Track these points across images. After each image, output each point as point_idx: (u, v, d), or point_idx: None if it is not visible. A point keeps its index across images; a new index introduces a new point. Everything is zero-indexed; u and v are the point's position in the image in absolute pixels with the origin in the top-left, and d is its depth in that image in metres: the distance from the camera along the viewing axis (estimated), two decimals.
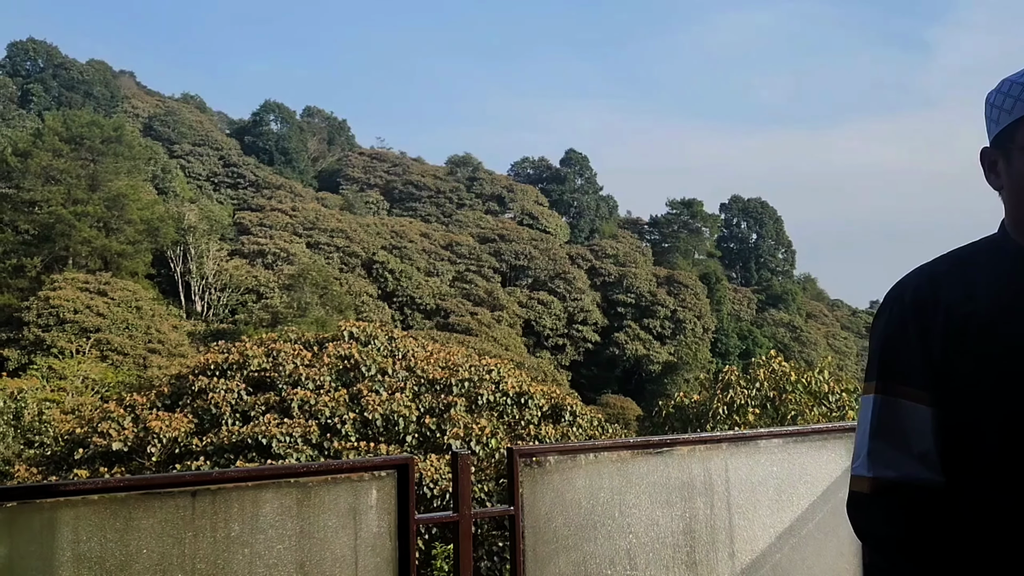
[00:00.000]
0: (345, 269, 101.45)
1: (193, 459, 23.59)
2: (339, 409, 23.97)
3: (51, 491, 4.15)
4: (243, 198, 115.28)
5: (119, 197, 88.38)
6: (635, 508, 5.70)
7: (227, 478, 4.66)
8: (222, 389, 25.32)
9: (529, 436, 24.07)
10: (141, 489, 4.46)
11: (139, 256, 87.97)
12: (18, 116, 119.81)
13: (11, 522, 4.19)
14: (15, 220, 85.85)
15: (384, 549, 4.88)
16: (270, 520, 4.62)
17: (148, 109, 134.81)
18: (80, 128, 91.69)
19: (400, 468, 4.98)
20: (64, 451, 28.15)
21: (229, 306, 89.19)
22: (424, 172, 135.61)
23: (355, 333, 27.57)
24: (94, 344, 69.44)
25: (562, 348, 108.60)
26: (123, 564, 4.22)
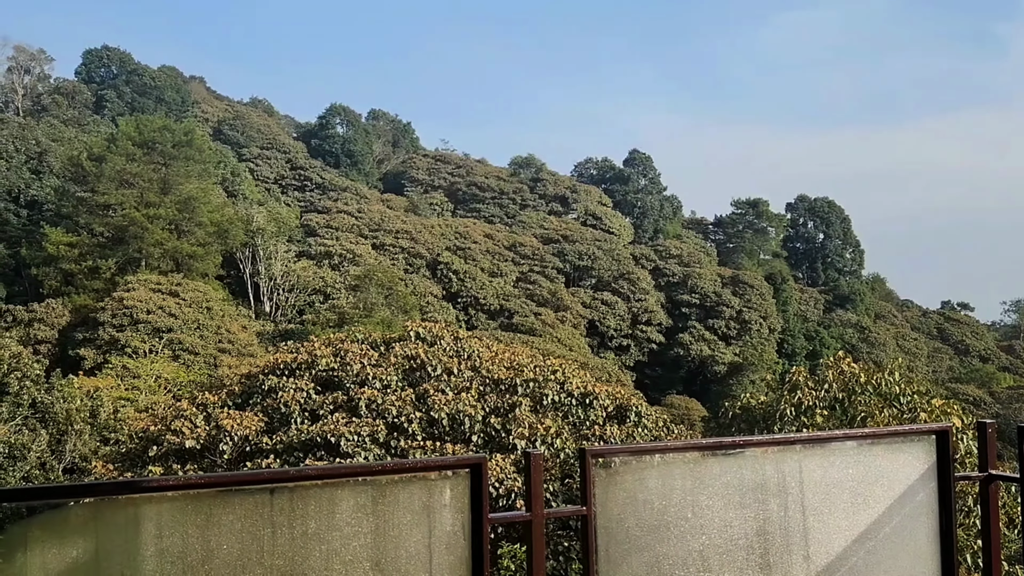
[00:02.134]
0: (410, 270, 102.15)
1: (263, 457, 23.92)
2: (406, 408, 24.12)
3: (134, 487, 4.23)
4: (310, 200, 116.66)
5: (190, 200, 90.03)
6: (708, 509, 5.64)
7: (304, 476, 4.72)
8: (291, 388, 25.63)
9: (594, 436, 23.99)
10: (221, 486, 4.54)
11: (209, 258, 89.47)
12: (93, 122, 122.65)
13: (96, 517, 4.29)
14: (90, 223, 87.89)
15: (458, 547, 4.89)
16: (346, 517, 4.65)
17: (217, 113, 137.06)
18: (152, 133, 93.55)
19: (473, 467, 4.98)
20: (138, 448, 28.69)
21: (296, 306, 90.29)
22: (487, 173, 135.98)
23: (421, 333, 27.71)
24: (166, 344, 70.75)
25: (626, 349, 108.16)
26: (204, 559, 4.28)
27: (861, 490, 6.12)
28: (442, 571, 4.81)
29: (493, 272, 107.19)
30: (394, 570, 4.71)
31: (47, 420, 42.79)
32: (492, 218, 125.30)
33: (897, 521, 6.19)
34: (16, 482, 37.83)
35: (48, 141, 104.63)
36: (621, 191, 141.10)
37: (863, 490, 6.13)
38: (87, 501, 4.25)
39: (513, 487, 21.03)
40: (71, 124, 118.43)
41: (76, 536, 4.19)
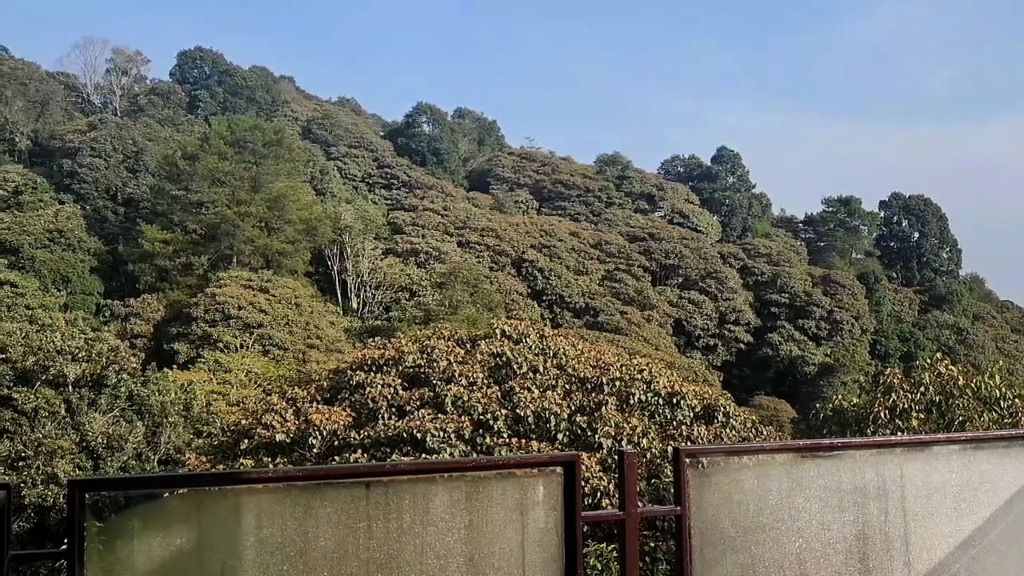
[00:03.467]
0: (495, 267, 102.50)
1: (351, 452, 24.17)
2: (491, 406, 24.17)
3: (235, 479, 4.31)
4: (396, 198, 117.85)
5: (280, 198, 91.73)
6: (804, 512, 5.54)
7: (399, 471, 4.77)
8: (379, 384, 25.88)
9: (681, 436, 23.75)
10: (318, 479, 4.60)
11: (298, 255, 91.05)
12: (187, 121, 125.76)
13: (199, 507, 4.38)
14: (184, 220, 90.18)
15: (550, 545, 4.87)
16: (440, 513, 4.67)
17: (307, 113, 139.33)
18: (243, 132, 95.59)
19: (567, 465, 4.97)
20: (230, 441, 29.27)
21: (383, 303, 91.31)
22: (573, 171, 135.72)
23: (507, 331, 27.73)
24: (256, 339, 72.17)
25: (713, 348, 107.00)
26: (302, 551, 4.34)
27: (965, 495, 5.97)
28: (535, 568, 4.80)
29: (579, 270, 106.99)
30: (487, 566, 4.71)
31: (143, 412, 44.00)
32: (578, 216, 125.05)
33: (1002, 528, 6.02)
34: (114, 472, 39.00)
35: (144, 140, 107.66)
36: (709, 188, 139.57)
37: (967, 496, 5.97)
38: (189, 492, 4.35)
39: (599, 486, 20.94)
40: (166, 124, 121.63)
41: (179, 526, 4.28)
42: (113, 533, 4.18)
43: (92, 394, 43.68)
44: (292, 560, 4.32)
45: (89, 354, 44.22)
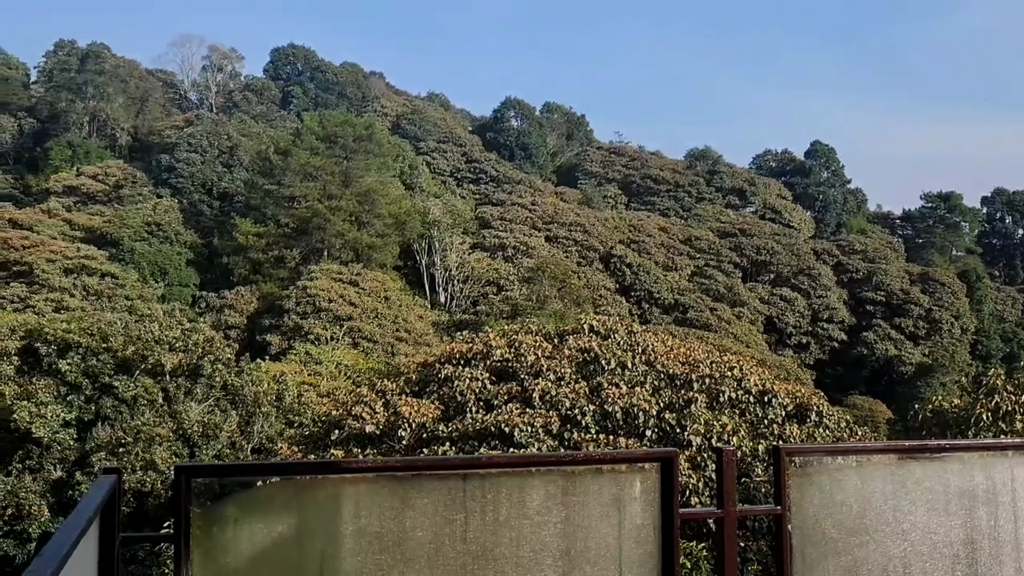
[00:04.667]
0: (583, 263, 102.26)
1: (439, 444, 24.34)
2: (579, 401, 24.09)
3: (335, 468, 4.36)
4: (484, 193, 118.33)
5: (369, 192, 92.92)
6: (910, 515, 5.40)
7: (495, 463, 4.76)
8: (467, 378, 26.00)
9: (772, 436, 23.36)
10: (416, 470, 4.62)
11: (387, 248, 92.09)
12: (280, 117, 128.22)
13: (299, 495, 4.44)
14: (277, 214, 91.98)
15: (647, 541, 4.82)
16: (536, 506, 4.65)
17: (396, 108, 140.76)
18: (335, 127, 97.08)
19: (664, 462, 4.91)
20: (321, 432, 29.75)
21: (471, 297, 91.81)
22: (663, 166, 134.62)
23: (595, 326, 27.61)
24: (346, 331, 73.21)
25: (806, 346, 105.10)
26: (399, 540, 4.36)
27: None
28: (631, 564, 4.76)
29: (668, 266, 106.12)
30: (583, 561, 4.68)
31: (237, 402, 45.00)
32: (667, 211, 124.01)
33: None
34: (209, 459, 39.95)
35: (238, 136, 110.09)
36: (802, 184, 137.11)
37: None
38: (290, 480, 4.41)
39: (688, 484, 20.72)
40: (260, 120, 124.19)
41: (280, 513, 4.34)
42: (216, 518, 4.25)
43: (188, 383, 44.81)
44: (390, 550, 4.35)
45: (186, 344, 45.34)
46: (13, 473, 40.31)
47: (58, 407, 41.82)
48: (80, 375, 42.95)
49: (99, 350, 43.63)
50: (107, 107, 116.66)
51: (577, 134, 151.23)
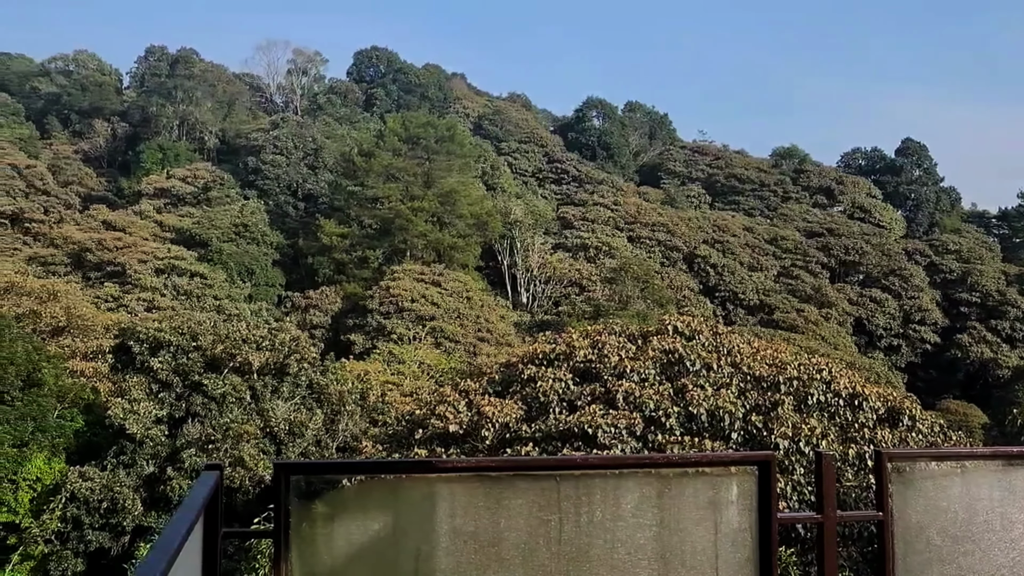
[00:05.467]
0: (666, 263, 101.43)
1: (522, 444, 24.32)
2: (663, 402, 23.85)
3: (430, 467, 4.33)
4: (566, 193, 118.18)
5: (451, 193, 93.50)
6: (1019, 523, 5.21)
7: (590, 464, 4.69)
8: (550, 378, 25.94)
9: (863, 440, 22.84)
10: (511, 470, 4.58)
11: (469, 249, 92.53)
12: (363, 119, 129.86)
13: (395, 493, 4.44)
14: (360, 215, 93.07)
15: (744, 546, 4.72)
16: (631, 508, 4.58)
17: (477, 109, 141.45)
18: (417, 129, 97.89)
19: (762, 465, 4.81)
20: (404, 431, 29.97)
21: (552, 298, 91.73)
22: (747, 165, 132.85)
23: (679, 327, 27.31)
24: (429, 331, 73.70)
25: (896, 349, 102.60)
26: (494, 540, 4.33)
27: None
28: (728, 568, 4.67)
29: (753, 266, 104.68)
30: (679, 564, 4.60)
31: (322, 400, 45.65)
32: (752, 211, 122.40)
33: None
34: (295, 457, 40.57)
35: (323, 138, 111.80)
36: (892, 182, 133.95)
37: None
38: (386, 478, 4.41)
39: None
40: (343, 122, 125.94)
41: (377, 510, 4.35)
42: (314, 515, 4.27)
43: (275, 382, 45.59)
44: (485, 549, 4.32)
45: (272, 343, 46.11)
46: (108, 468, 41.46)
47: (150, 404, 42.87)
48: (171, 373, 43.97)
49: (189, 348, 44.62)
50: (196, 111, 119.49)
51: (660, 133, 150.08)
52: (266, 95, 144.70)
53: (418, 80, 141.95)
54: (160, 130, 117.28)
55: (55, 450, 43.16)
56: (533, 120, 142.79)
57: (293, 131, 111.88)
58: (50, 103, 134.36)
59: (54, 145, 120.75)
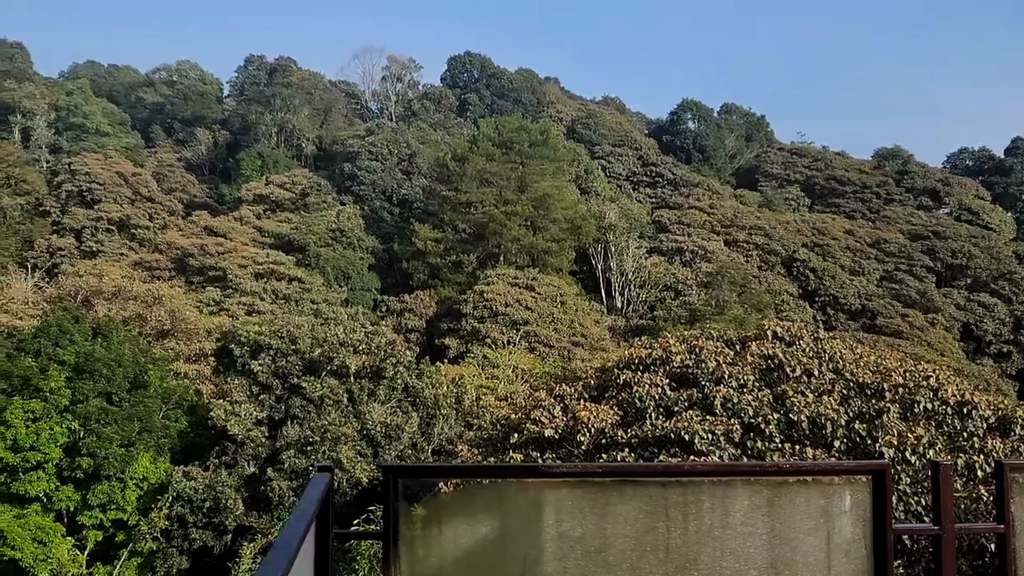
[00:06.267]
0: (764, 267, 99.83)
1: (618, 450, 24.16)
2: (763, 409, 23.45)
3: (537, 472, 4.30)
4: (661, 196, 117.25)
5: (545, 197, 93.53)
6: None
7: (698, 471, 4.62)
8: (646, 383, 25.71)
9: (973, 449, 22.11)
10: (618, 476, 4.52)
11: (563, 253, 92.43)
12: (456, 124, 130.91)
13: (501, 498, 4.41)
14: (454, 220, 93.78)
15: (858, 557, 4.58)
16: (740, 516, 4.48)
17: (571, 113, 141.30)
18: (510, 133, 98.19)
19: (876, 474, 4.66)
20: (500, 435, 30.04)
21: (647, 302, 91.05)
22: (848, 166, 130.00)
23: (779, 332, 26.81)
24: (523, 336, 73.81)
25: (1007, 355, 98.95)
26: (601, 546, 4.27)
27: None
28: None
29: (854, 270, 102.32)
30: (791, 575, 4.47)
31: (417, 404, 46.03)
32: (853, 213, 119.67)
33: None
34: (391, 459, 41.00)
35: (417, 144, 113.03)
36: (1002, 183, 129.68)
37: None
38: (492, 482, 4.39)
39: None
40: (437, 127, 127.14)
41: (484, 514, 4.33)
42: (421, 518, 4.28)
43: (371, 385, 46.17)
44: (591, 555, 4.27)
45: (369, 347, 46.71)
46: (211, 468, 42.51)
47: (251, 406, 43.84)
48: (271, 376, 44.89)
49: (288, 352, 45.48)
50: (293, 118, 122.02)
51: (757, 135, 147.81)
52: (361, 102, 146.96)
53: (511, 85, 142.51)
54: (259, 137, 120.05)
55: (160, 450, 44.46)
56: (627, 123, 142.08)
57: (388, 137, 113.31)
58: (154, 112, 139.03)
59: (158, 153, 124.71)
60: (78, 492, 42.24)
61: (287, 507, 40.35)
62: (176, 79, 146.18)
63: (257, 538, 39.35)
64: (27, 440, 40.71)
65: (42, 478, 41.26)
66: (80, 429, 42.00)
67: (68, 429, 41.87)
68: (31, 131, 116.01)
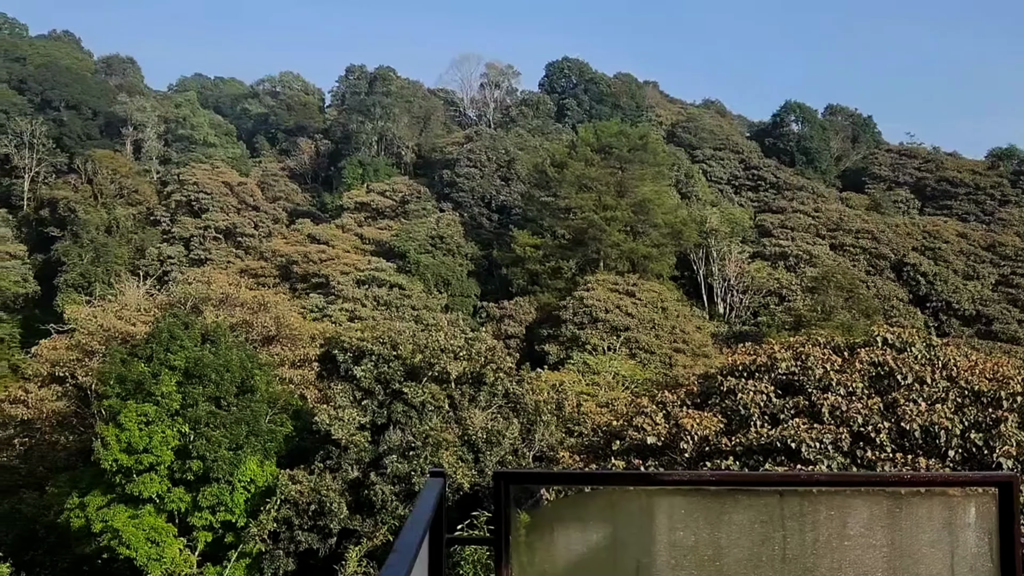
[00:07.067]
0: (872, 272, 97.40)
1: (722, 458, 23.80)
2: (873, 417, 22.83)
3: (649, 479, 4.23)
4: (764, 200, 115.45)
5: (644, 202, 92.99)
6: None
7: (815, 481, 4.48)
8: (750, 390, 25.28)
9: None
10: (732, 484, 4.42)
11: (663, 259, 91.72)
12: (555, 130, 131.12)
13: (613, 505, 4.35)
14: (553, 226, 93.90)
15: (984, 572, 4.37)
16: (859, 528, 4.32)
17: (671, 116, 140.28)
18: (609, 138, 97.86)
19: (1003, 486, 4.43)
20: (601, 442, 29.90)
21: (751, 308, 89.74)
22: (960, 167, 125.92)
23: (889, 339, 26.07)
24: (623, 342, 73.44)
25: None
26: (715, 556, 4.18)
27: None
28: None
29: (968, 274, 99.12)
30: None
31: (518, 410, 46.08)
32: (966, 216, 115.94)
33: None
34: (492, 466, 41.13)
35: (515, 150, 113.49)
36: None
37: None
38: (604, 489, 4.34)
39: None
40: (535, 133, 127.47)
41: (595, 521, 4.28)
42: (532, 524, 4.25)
43: (472, 391, 46.39)
44: (704, 565, 4.18)
45: (469, 353, 46.91)
46: (315, 472, 43.24)
47: (354, 411, 44.44)
48: (373, 381, 45.46)
49: (390, 357, 45.99)
50: (393, 126, 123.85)
51: (863, 136, 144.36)
52: (460, 109, 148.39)
53: (610, 89, 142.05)
54: (360, 146, 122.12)
55: (267, 453, 45.41)
56: (728, 126, 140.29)
57: (486, 144, 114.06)
58: (259, 123, 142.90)
59: (263, 163, 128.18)
60: (189, 494, 43.39)
61: (390, 511, 40.81)
62: (279, 90, 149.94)
63: (362, 542, 39.87)
64: (140, 443, 41.97)
65: (155, 480, 42.48)
66: (190, 432, 43.12)
67: (179, 432, 43.03)
68: (142, 143, 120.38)
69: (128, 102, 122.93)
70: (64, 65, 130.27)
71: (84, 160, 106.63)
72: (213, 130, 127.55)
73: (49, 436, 57.34)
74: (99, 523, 41.86)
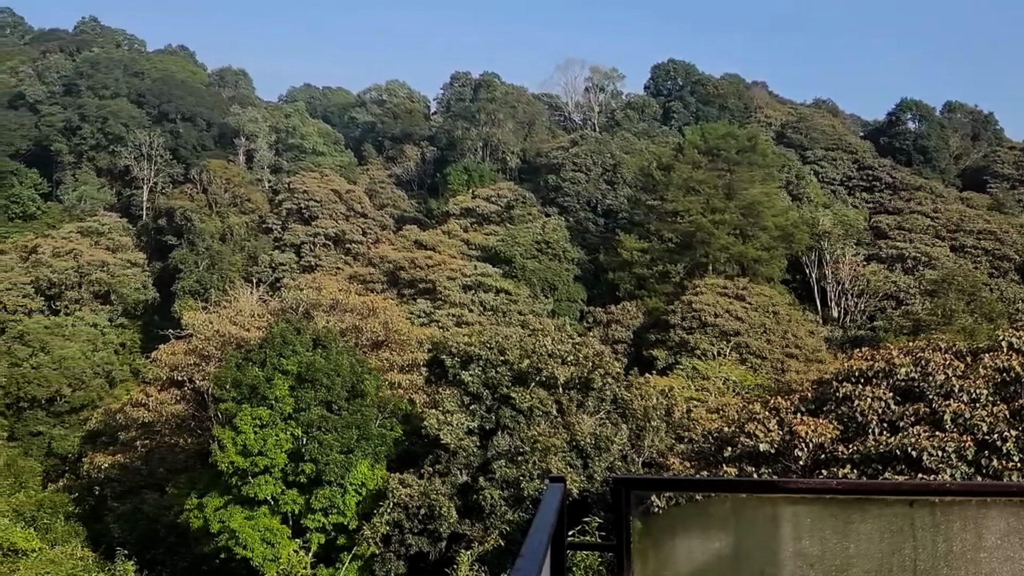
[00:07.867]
0: (996, 274, 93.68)
1: (839, 466, 23.22)
2: (999, 425, 21.98)
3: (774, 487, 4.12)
4: (879, 201, 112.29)
5: (754, 204, 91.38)
6: None
7: (947, 490, 4.29)
8: (868, 397, 24.63)
9: None
10: (859, 493, 4.28)
11: (774, 262, 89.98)
12: (661, 133, 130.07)
13: (738, 513, 4.26)
14: (660, 229, 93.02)
15: None
16: (995, 540, 4.13)
17: (780, 117, 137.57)
18: (716, 140, 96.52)
19: None
20: (712, 448, 29.47)
21: (866, 312, 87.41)
22: None
23: (1015, 344, 25.06)
24: (733, 347, 72.32)
25: None
26: (842, 566, 4.05)
27: None
28: None
29: None
30: None
31: (627, 415, 45.72)
32: None
33: None
34: (601, 471, 40.95)
35: (621, 154, 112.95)
36: None
37: None
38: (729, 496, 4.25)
39: None
40: (641, 136, 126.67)
41: (717, 529, 4.21)
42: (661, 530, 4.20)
43: (580, 396, 46.24)
44: (832, 574, 4.03)
45: (576, 358, 46.77)
46: (425, 476, 43.68)
47: (462, 416, 44.75)
48: (481, 386, 45.68)
49: (497, 362, 46.15)
50: (498, 132, 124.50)
51: (984, 134, 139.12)
52: (564, 113, 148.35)
53: (716, 91, 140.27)
54: (465, 152, 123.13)
55: (377, 457, 46.06)
56: (840, 126, 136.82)
57: (592, 148, 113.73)
58: (366, 131, 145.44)
59: (370, 170, 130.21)
60: (302, 496, 44.30)
61: (499, 516, 40.93)
62: (385, 98, 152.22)
63: (473, 546, 40.09)
64: (255, 445, 43.03)
65: (269, 482, 43.49)
66: (303, 436, 44.01)
67: (292, 436, 43.97)
68: (254, 152, 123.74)
69: (240, 113, 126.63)
70: (180, 79, 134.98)
71: (199, 170, 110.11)
72: (322, 139, 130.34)
73: (169, 438, 59.29)
74: (217, 523, 43.06)
